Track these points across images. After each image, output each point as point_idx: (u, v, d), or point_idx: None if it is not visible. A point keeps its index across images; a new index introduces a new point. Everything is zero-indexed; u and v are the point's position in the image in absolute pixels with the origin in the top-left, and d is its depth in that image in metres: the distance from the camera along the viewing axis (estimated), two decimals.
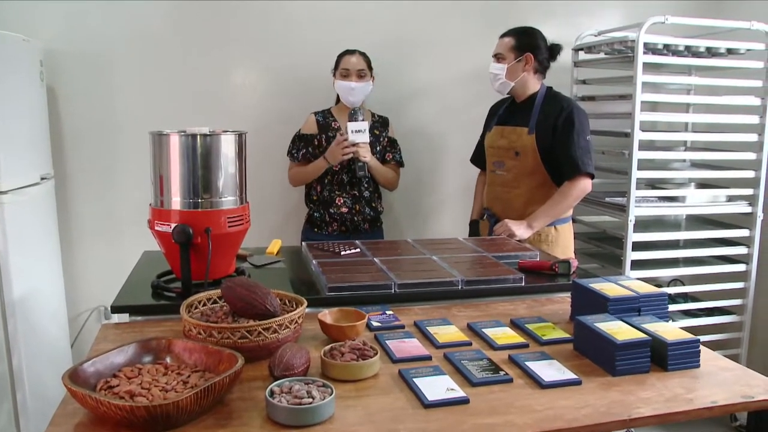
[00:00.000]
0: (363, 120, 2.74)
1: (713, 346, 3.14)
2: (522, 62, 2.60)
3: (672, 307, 3.18)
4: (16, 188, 2.48)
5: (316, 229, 2.92)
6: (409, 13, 3.29)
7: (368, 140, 2.76)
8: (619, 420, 1.18)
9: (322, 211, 2.88)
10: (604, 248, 3.21)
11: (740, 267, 3.14)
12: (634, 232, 2.94)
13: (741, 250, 3.14)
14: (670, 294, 3.27)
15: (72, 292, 3.08)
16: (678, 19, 2.85)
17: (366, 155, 2.75)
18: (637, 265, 2.98)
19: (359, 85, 2.80)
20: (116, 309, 1.67)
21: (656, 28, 2.83)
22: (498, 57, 2.63)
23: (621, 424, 1.18)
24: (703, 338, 3.11)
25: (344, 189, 2.86)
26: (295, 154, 2.87)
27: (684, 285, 3.29)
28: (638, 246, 2.97)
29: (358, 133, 2.72)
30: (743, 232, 3.13)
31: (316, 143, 2.86)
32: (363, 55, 2.85)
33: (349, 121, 2.73)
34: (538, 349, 1.49)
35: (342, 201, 2.85)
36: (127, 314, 1.68)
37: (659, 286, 3.25)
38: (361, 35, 3.12)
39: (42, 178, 2.75)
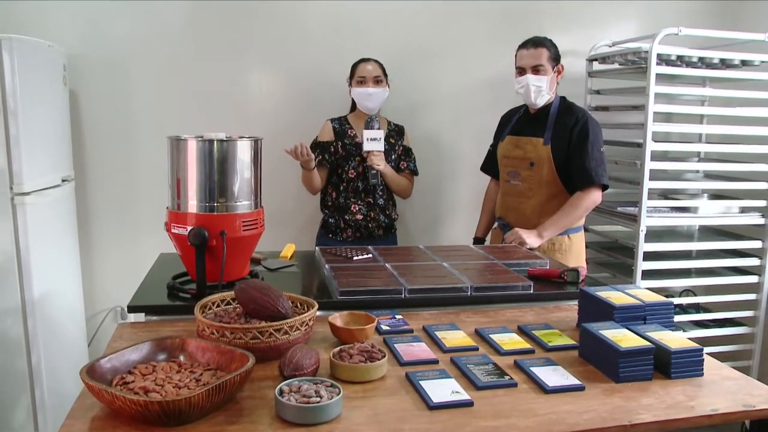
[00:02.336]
0: (379, 128, 2.78)
1: (724, 357, 3.13)
2: (556, 73, 2.62)
3: (683, 318, 3.19)
4: (38, 190, 2.55)
5: (330, 235, 2.96)
6: (424, 22, 3.33)
7: (383, 149, 2.80)
8: (619, 425, 1.20)
9: (337, 217, 2.92)
10: (616, 258, 3.22)
11: (752, 278, 3.14)
12: (647, 242, 2.95)
13: (753, 262, 3.14)
14: (681, 304, 3.28)
15: (90, 293, 3.15)
16: (692, 30, 2.86)
17: (379, 163, 2.79)
18: (648, 275, 2.99)
19: (377, 91, 2.84)
20: (132, 309, 1.72)
21: (670, 40, 2.85)
22: (538, 69, 2.58)
23: (622, 429, 1.20)
24: (714, 349, 3.15)
25: (359, 196, 2.90)
26: None
27: (696, 295, 3.29)
28: (650, 256, 2.98)
29: (373, 141, 2.77)
30: (756, 244, 3.12)
31: (332, 150, 2.89)
32: (377, 62, 2.90)
33: (365, 129, 2.77)
34: (544, 355, 1.51)
35: (357, 208, 2.89)
36: (143, 314, 1.73)
37: (670, 296, 3.27)
38: (376, 43, 3.17)
39: (63, 180, 2.81)
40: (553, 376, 1.37)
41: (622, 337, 1.44)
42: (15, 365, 2.50)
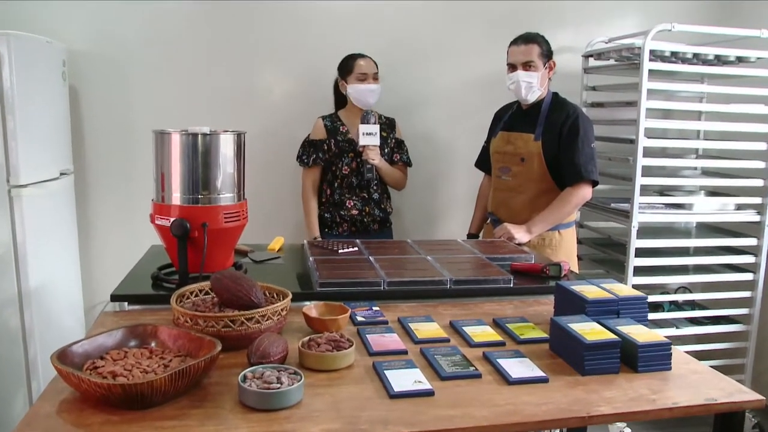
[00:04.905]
0: (375, 123, 2.80)
1: (720, 355, 3.15)
2: (547, 69, 2.63)
3: (678, 315, 3.18)
4: (35, 182, 2.59)
5: (326, 230, 2.99)
6: (418, 18, 3.34)
7: (378, 143, 2.82)
8: (577, 417, 1.22)
9: (333, 212, 2.94)
10: (609, 254, 3.22)
11: (747, 276, 3.13)
12: (644, 238, 2.95)
13: (748, 259, 3.12)
14: (676, 301, 3.27)
15: (88, 284, 3.20)
16: (685, 26, 2.85)
17: (375, 158, 2.81)
18: (641, 271, 2.99)
19: (378, 87, 2.88)
20: (116, 297, 1.77)
21: (665, 36, 2.84)
22: (528, 65, 2.58)
23: (579, 421, 1.22)
24: (709, 347, 3.13)
25: (354, 192, 2.93)
26: (306, 160, 2.93)
27: (691, 292, 3.28)
28: (646, 253, 2.98)
29: (369, 135, 2.79)
30: (751, 241, 3.11)
31: (325, 148, 2.92)
32: (371, 58, 2.92)
33: (361, 123, 2.79)
34: (514, 347, 1.53)
35: (352, 204, 2.92)
36: (126, 303, 1.76)
37: (666, 293, 3.27)
38: (370, 39, 3.19)
39: (61, 174, 2.86)
40: (519, 367, 1.39)
41: (590, 331, 1.45)
42: (12, 357, 2.55)
